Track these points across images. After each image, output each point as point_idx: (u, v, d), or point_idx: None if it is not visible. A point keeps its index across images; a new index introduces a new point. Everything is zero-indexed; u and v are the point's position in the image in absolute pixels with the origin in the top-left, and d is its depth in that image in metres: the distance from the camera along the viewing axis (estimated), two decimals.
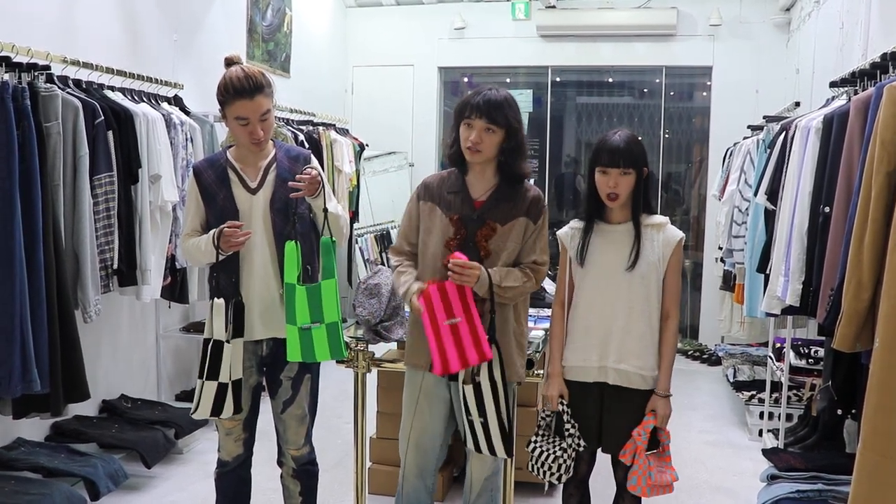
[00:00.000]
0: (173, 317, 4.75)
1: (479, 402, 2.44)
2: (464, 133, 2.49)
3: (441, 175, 2.66)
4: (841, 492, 3.06)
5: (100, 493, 3.24)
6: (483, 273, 2.42)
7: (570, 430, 2.56)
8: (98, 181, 3.36)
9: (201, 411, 2.54)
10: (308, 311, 2.49)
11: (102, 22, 4.03)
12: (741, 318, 5.49)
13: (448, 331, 2.37)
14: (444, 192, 2.57)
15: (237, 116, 2.52)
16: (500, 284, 2.45)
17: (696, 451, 4.39)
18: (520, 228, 2.54)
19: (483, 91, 2.50)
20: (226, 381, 2.50)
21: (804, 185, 3.19)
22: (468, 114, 2.47)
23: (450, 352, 2.37)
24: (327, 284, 2.51)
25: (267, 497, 3.31)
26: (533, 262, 2.56)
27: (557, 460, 2.54)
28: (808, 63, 5.52)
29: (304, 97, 6.24)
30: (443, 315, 2.38)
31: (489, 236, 2.50)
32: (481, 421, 2.46)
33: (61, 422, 3.68)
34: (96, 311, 3.34)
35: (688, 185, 7.39)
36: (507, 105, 2.48)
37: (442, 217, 2.54)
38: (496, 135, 2.48)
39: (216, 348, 2.49)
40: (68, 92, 3.29)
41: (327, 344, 2.52)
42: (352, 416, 3.04)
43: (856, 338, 2.27)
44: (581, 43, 7.06)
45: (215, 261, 2.54)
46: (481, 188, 2.57)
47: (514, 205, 2.54)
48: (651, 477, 2.48)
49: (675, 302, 2.56)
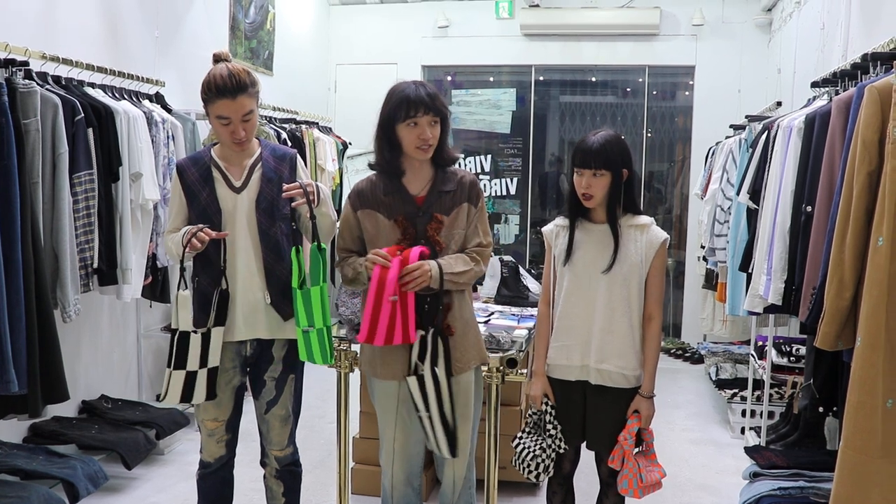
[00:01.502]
0: (154, 316, 4.70)
1: (424, 396, 2.41)
2: (410, 133, 2.41)
3: (370, 180, 2.56)
4: (822, 489, 3.09)
5: (79, 495, 3.20)
6: (434, 268, 2.39)
7: (551, 430, 2.56)
8: (78, 179, 3.32)
9: (170, 398, 2.51)
10: (304, 314, 2.51)
11: (83, 18, 3.98)
12: (723, 317, 5.53)
13: (388, 307, 2.33)
14: (380, 197, 2.50)
15: (219, 115, 2.49)
16: (453, 271, 2.42)
17: (679, 449, 4.42)
18: (463, 215, 2.51)
19: (408, 89, 2.42)
20: (194, 369, 2.49)
21: (786, 185, 3.21)
22: (413, 112, 2.39)
23: (380, 326, 2.34)
24: (315, 291, 2.51)
25: (249, 498, 3.29)
26: (478, 245, 2.54)
27: (536, 458, 2.55)
28: (789, 63, 5.57)
29: (287, 95, 6.21)
30: (391, 290, 2.33)
31: (438, 229, 2.48)
32: (427, 415, 2.42)
33: (40, 423, 3.63)
34: (76, 310, 3.30)
35: (670, 185, 7.43)
36: (438, 94, 2.46)
37: (385, 221, 2.48)
38: (438, 126, 2.46)
39: (182, 339, 2.47)
40: (47, 89, 3.24)
41: (319, 349, 2.53)
42: (334, 416, 3.03)
43: (837, 336, 2.29)
44: (565, 42, 7.08)
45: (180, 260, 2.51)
46: (419, 184, 2.52)
47: (454, 193, 2.51)
48: (642, 479, 2.49)
49: (658, 304, 2.56)
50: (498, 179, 7.39)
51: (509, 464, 2.68)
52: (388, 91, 2.48)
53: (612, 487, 2.64)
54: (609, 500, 2.66)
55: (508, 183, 7.39)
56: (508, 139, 7.40)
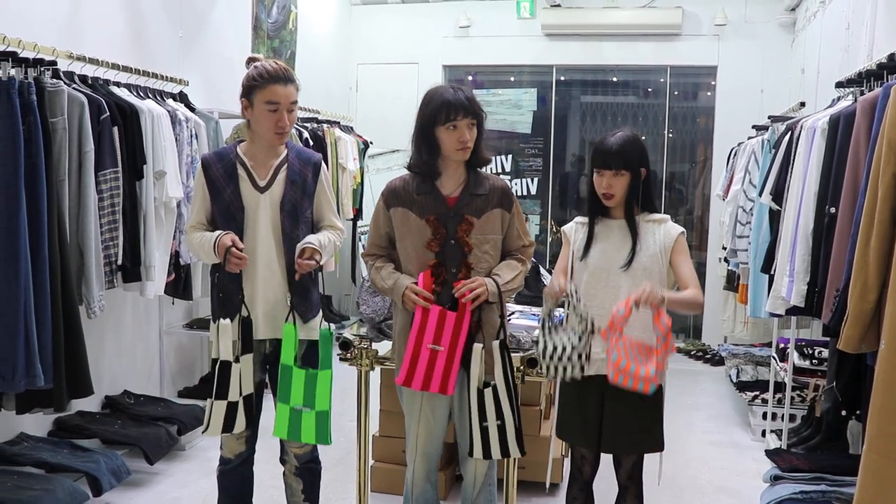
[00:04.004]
0: (177, 313, 4.75)
1: (497, 405, 2.47)
2: (450, 135, 2.48)
3: (403, 179, 2.63)
4: (845, 493, 3.05)
5: (102, 488, 3.24)
6: (490, 284, 2.48)
7: (580, 309, 2.38)
8: (103, 177, 3.36)
9: (212, 429, 2.56)
10: (303, 394, 2.55)
11: (108, 18, 4.03)
12: (745, 319, 5.49)
13: (427, 353, 2.45)
14: (413, 195, 2.56)
15: (269, 101, 2.53)
16: (506, 281, 2.53)
17: (700, 451, 4.39)
18: (496, 219, 2.57)
19: (447, 93, 2.48)
20: (235, 399, 2.52)
21: (810, 186, 3.18)
22: (453, 116, 2.45)
23: (418, 371, 2.45)
24: (324, 375, 2.56)
25: (269, 494, 3.31)
26: (522, 248, 2.66)
27: (565, 355, 2.38)
28: (813, 63, 5.51)
29: (309, 94, 6.19)
30: (430, 337, 2.45)
31: (468, 231, 2.53)
32: (498, 424, 2.48)
33: (64, 417, 3.68)
34: (100, 306, 3.34)
35: (691, 185, 7.38)
36: (474, 97, 2.53)
37: (416, 220, 2.53)
38: (475, 128, 2.52)
39: (224, 368, 2.50)
40: (74, 88, 3.28)
41: (314, 429, 2.57)
42: (355, 414, 3.04)
43: (861, 339, 2.27)
44: (586, 42, 7.05)
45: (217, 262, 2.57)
46: (452, 185, 2.57)
47: (485, 198, 2.56)
48: (623, 363, 2.29)
49: (693, 281, 2.48)
50: (519, 179, 7.38)
51: (529, 464, 2.69)
52: (427, 95, 2.55)
53: (630, 490, 2.63)
54: (627, 503, 2.65)
55: (529, 183, 7.37)
56: (529, 139, 7.38)
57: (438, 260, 2.52)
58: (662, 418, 2.60)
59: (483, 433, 2.50)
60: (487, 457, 2.54)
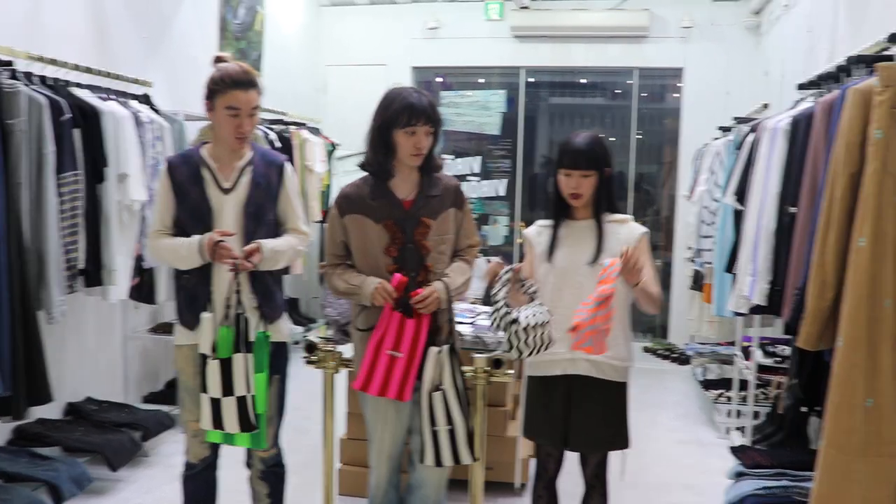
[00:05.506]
0: (140, 318, 4.69)
1: (447, 410, 2.48)
2: (407, 140, 2.46)
3: (356, 184, 2.58)
4: (805, 488, 3.09)
5: (63, 497, 3.18)
6: (441, 291, 2.48)
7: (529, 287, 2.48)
8: (64, 180, 3.30)
9: (203, 422, 2.52)
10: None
11: (69, 18, 3.96)
12: (710, 318, 5.54)
13: (386, 359, 2.45)
14: (367, 201, 2.53)
15: (229, 106, 2.50)
16: (456, 286, 2.55)
17: (666, 450, 4.43)
18: (450, 219, 2.58)
19: (411, 96, 2.46)
20: (216, 395, 2.46)
21: (771, 186, 3.23)
22: (414, 121, 2.43)
23: (376, 376, 2.46)
24: (259, 378, 2.52)
25: (234, 500, 3.27)
26: (468, 247, 2.67)
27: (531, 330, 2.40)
28: (777, 65, 5.59)
29: (277, 96, 6.17)
30: (390, 343, 2.45)
31: (426, 234, 2.53)
32: (448, 429, 2.48)
33: (25, 425, 3.61)
34: (61, 312, 3.28)
35: (659, 186, 7.45)
36: (435, 103, 2.53)
37: (373, 225, 2.51)
38: (432, 136, 2.51)
39: (203, 362, 2.47)
40: (33, 89, 3.23)
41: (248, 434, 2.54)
42: (321, 417, 3.02)
43: (819, 336, 2.31)
44: (554, 44, 7.08)
45: (197, 266, 2.52)
46: (406, 188, 2.55)
47: (440, 198, 2.56)
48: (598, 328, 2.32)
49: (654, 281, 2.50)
50: (487, 181, 7.39)
51: (496, 464, 2.69)
52: (387, 95, 2.51)
53: (596, 489, 2.64)
54: (593, 501, 2.66)
55: (498, 184, 7.39)
56: (498, 141, 7.40)
57: (398, 265, 2.51)
58: (628, 417, 2.62)
59: (434, 438, 2.50)
60: (439, 464, 2.53)
